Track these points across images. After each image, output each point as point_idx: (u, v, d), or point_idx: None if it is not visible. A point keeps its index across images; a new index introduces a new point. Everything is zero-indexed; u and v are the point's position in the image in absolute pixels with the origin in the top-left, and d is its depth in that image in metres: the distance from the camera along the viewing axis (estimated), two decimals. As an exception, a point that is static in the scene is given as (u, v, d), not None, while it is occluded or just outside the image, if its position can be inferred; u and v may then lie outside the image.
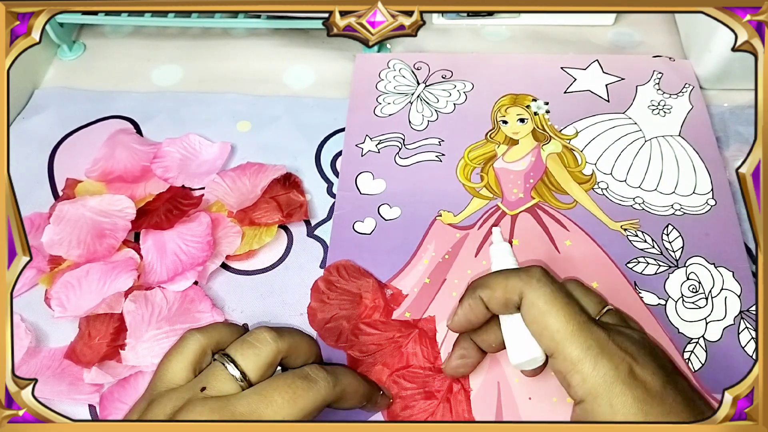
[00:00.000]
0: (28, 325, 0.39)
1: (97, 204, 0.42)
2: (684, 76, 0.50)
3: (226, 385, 0.29)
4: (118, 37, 0.58)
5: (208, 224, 0.42)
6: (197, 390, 0.29)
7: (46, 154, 0.49)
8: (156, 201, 0.44)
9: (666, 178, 0.44)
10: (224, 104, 0.51)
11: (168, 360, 0.31)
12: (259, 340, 0.30)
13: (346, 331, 0.38)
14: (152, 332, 0.37)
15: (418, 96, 0.50)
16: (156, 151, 0.47)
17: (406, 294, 0.40)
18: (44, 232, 0.41)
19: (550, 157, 0.46)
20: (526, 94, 0.50)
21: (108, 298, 0.38)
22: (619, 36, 0.55)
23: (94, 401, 0.36)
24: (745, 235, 0.41)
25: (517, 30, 0.56)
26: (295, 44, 0.55)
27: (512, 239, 0.42)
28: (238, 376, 0.29)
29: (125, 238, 0.42)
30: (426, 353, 0.37)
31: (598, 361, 0.28)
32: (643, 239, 0.41)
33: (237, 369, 0.29)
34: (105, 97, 0.52)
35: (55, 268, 0.41)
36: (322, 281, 0.40)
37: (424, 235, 0.42)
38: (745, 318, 0.38)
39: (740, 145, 0.46)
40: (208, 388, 0.29)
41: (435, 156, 0.47)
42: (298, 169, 0.47)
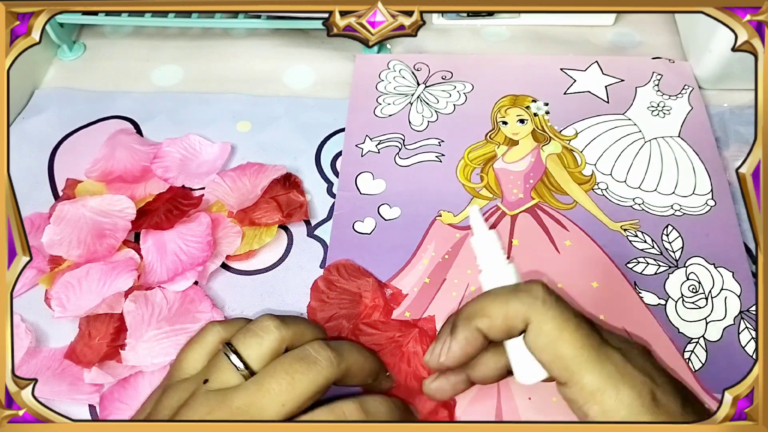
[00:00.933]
0: (28, 325, 0.39)
1: (97, 204, 0.42)
2: (683, 77, 0.50)
3: (228, 376, 0.28)
4: (118, 37, 0.58)
5: (208, 224, 0.42)
6: (201, 382, 0.28)
7: (46, 154, 0.48)
8: (156, 201, 0.43)
9: (666, 178, 0.44)
10: (224, 104, 0.51)
11: (186, 349, 0.31)
12: (262, 328, 0.29)
13: (346, 331, 0.38)
14: (152, 332, 0.37)
15: (418, 97, 0.50)
16: (156, 151, 0.47)
17: (406, 293, 0.40)
18: (44, 232, 0.41)
19: (549, 157, 0.46)
20: (526, 95, 0.50)
21: (108, 298, 0.38)
22: (619, 36, 0.55)
23: (94, 401, 0.36)
24: (745, 235, 0.41)
25: (517, 30, 0.56)
26: (295, 44, 0.55)
27: (512, 239, 0.42)
28: (241, 366, 0.28)
29: (125, 238, 0.42)
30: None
31: (620, 390, 0.26)
32: (643, 239, 0.41)
33: (240, 359, 0.29)
34: (105, 97, 0.52)
35: (55, 268, 0.41)
36: (322, 280, 0.40)
37: (424, 235, 0.42)
38: (745, 318, 0.38)
39: (740, 145, 0.46)
40: (211, 380, 0.28)
41: (435, 156, 0.47)
42: (298, 169, 0.47)
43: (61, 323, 0.39)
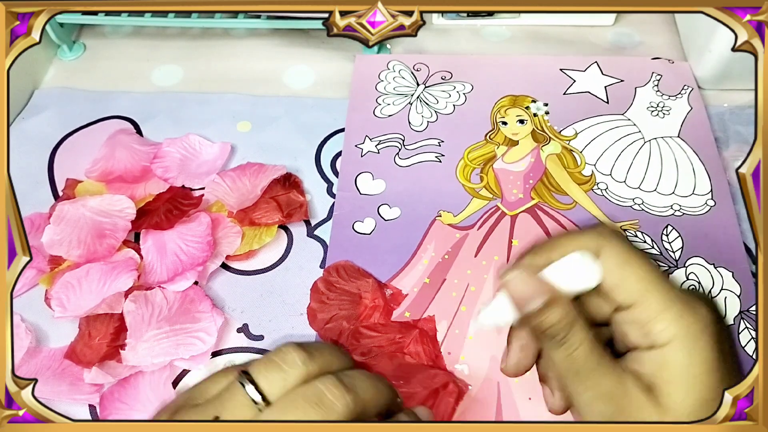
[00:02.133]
0: (28, 325, 0.39)
1: (97, 204, 0.42)
2: (683, 78, 0.50)
3: (243, 411, 0.26)
4: (118, 37, 0.58)
5: (208, 224, 0.42)
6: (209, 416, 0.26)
7: (46, 154, 0.48)
8: (156, 201, 0.44)
9: (665, 179, 0.44)
10: (224, 104, 0.51)
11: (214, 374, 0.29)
12: (287, 362, 0.27)
13: (346, 332, 0.38)
14: (152, 332, 0.37)
15: (417, 97, 0.50)
16: (156, 151, 0.47)
17: (406, 294, 0.40)
18: (44, 232, 0.41)
19: (549, 158, 0.46)
20: (526, 96, 0.50)
21: (108, 299, 0.38)
22: (619, 36, 0.55)
23: (94, 401, 0.36)
24: (745, 235, 0.41)
25: (517, 30, 0.56)
26: (295, 44, 0.55)
27: (512, 239, 0.42)
28: (259, 400, 0.26)
29: (125, 238, 0.42)
30: (428, 352, 0.37)
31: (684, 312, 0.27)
32: (643, 240, 0.41)
33: (257, 392, 0.26)
34: (105, 97, 0.52)
35: (55, 268, 0.41)
36: (322, 282, 0.40)
37: (424, 236, 0.42)
38: (744, 318, 0.38)
39: (740, 145, 0.46)
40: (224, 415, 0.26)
41: (435, 156, 0.47)
42: (298, 169, 0.47)
43: (61, 323, 0.39)
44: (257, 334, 0.39)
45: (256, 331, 0.39)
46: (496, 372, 0.37)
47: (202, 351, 0.37)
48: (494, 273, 0.40)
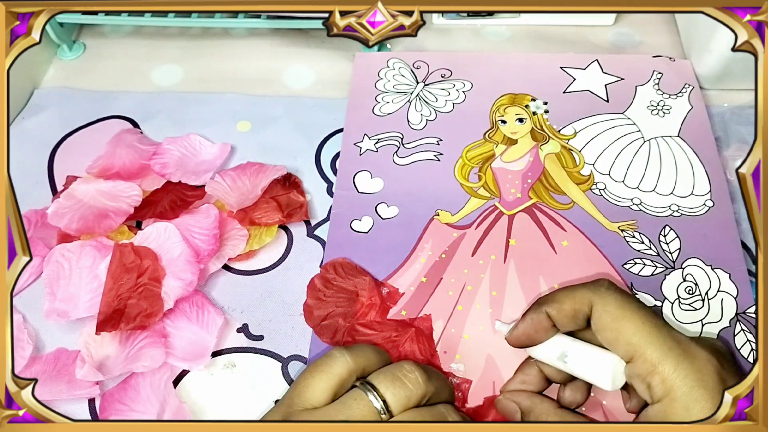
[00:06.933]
0: (29, 325, 0.39)
1: (108, 188, 0.43)
2: (684, 76, 0.50)
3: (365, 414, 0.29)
4: (118, 37, 0.58)
5: (216, 216, 0.41)
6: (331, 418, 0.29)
7: (46, 153, 0.49)
8: (161, 191, 0.44)
9: (664, 178, 0.44)
10: (224, 104, 0.51)
11: (311, 377, 0.30)
12: (411, 381, 0.30)
13: (342, 329, 0.38)
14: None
15: (417, 95, 0.50)
16: (156, 149, 0.47)
17: (403, 292, 0.40)
18: (52, 203, 0.42)
19: (548, 157, 0.46)
20: (525, 94, 0.50)
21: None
22: (619, 36, 0.55)
23: (94, 394, 0.36)
24: (744, 235, 0.41)
25: (517, 30, 0.56)
26: (295, 44, 0.56)
27: (509, 239, 0.42)
28: (381, 408, 0.29)
29: (129, 224, 0.43)
30: (423, 350, 0.37)
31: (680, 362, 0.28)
32: (641, 240, 0.41)
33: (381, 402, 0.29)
34: (105, 97, 0.52)
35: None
36: (319, 279, 0.40)
37: (422, 234, 0.42)
38: (741, 320, 0.38)
39: (740, 145, 0.46)
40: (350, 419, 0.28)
41: (433, 155, 0.47)
42: (298, 169, 0.47)
43: (61, 323, 0.39)
44: (257, 334, 0.39)
45: (256, 331, 0.39)
46: (492, 371, 0.37)
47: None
48: (491, 272, 0.40)
